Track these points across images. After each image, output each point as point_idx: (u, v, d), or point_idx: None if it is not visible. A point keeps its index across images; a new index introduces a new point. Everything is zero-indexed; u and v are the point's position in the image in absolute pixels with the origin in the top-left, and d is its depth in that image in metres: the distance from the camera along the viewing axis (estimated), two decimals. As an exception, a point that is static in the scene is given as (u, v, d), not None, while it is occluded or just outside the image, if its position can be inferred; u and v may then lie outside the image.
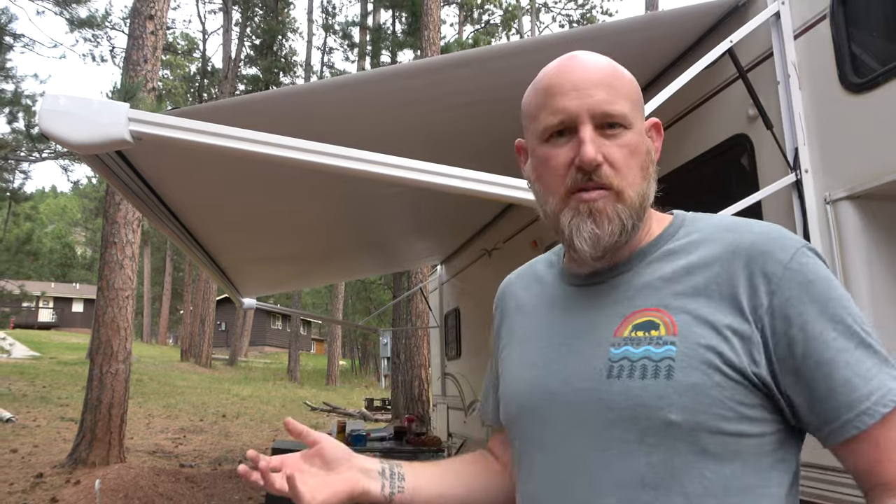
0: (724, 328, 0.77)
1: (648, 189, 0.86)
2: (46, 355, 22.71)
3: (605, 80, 0.85)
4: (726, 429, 0.76)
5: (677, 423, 0.75)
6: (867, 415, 0.74)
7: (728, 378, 0.76)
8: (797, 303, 0.77)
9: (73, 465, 7.25)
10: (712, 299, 0.79)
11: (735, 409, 0.76)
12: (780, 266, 0.78)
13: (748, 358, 0.77)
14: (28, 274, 21.54)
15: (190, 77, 30.50)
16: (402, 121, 3.21)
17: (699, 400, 0.75)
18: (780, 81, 2.38)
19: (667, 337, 0.79)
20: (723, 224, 0.87)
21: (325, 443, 0.95)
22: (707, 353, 0.76)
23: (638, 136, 0.85)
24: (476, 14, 26.31)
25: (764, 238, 0.81)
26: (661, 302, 0.82)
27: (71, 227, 53.40)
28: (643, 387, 0.78)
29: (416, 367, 10.77)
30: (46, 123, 1.83)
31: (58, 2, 9.77)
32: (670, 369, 0.77)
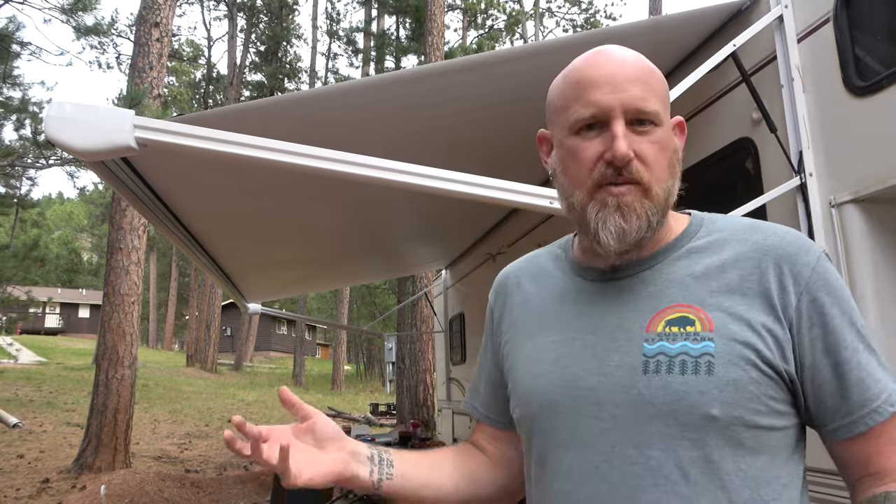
0: (759, 325, 0.80)
1: (673, 186, 0.87)
2: (53, 361, 22.79)
3: (639, 76, 0.85)
4: (760, 422, 0.79)
5: (718, 417, 0.77)
6: (877, 413, 0.79)
7: (763, 374, 0.79)
8: (822, 304, 0.81)
9: (79, 470, 7.26)
10: (746, 297, 0.82)
11: (767, 403, 0.79)
12: (807, 268, 0.82)
13: (780, 354, 0.80)
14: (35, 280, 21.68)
15: (195, 83, 30.66)
16: (407, 126, 3.21)
17: (738, 395, 0.78)
18: (784, 85, 2.38)
19: (704, 333, 0.80)
20: (744, 224, 0.89)
21: (317, 419, 0.92)
22: (745, 350, 0.79)
23: (667, 133, 0.87)
24: (480, 19, 26.39)
25: (790, 240, 0.85)
26: (694, 298, 0.83)
27: (77, 233, 53.65)
28: (684, 382, 0.79)
29: (420, 372, 10.76)
30: (52, 130, 1.84)
31: (64, 10, 9.84)
32: (710, 365, 0.78)
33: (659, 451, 0.79)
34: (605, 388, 0.83)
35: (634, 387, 0.81)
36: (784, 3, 2.42)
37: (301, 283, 7.76)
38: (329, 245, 5.64)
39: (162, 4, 8.14)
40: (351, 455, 0.93)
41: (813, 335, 0.81)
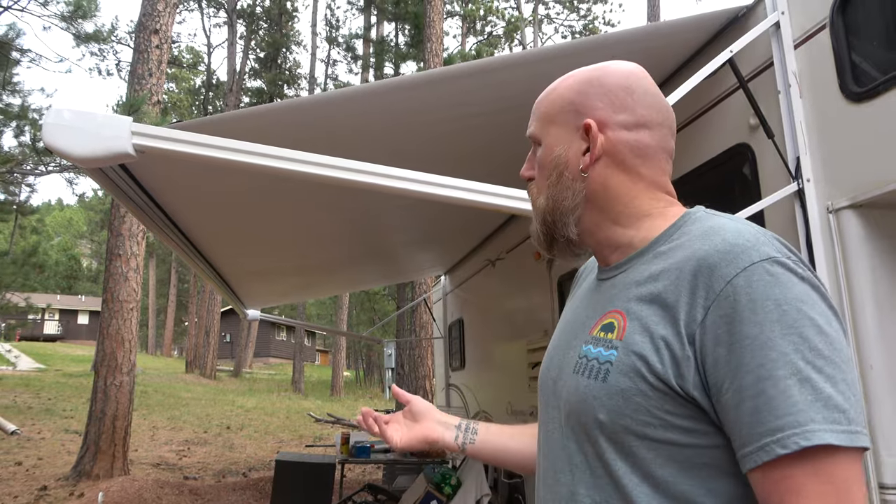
0: (658, 338, 0.78)
1: (552, 195, 0.95)
2: (52, 367, 22.75)
3: (534, 107, 1.00)
4: (653, 435, 0.78)
5: (604, 422, 0.81)
6: (763, 451, 0.69)
7: (653, 387, 0.77)
8: (732, 321, 0.72)
9: (77, 477, 7.24)
10: (661, 308, 0.80)
11: (662, 417, 0.77)
12: (722, 281, 0.74)
13: (674, 371, 0.76)
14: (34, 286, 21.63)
15: (195, 90, 30.71)
16: (406, 133, 3.22)
17: (624, 404, 0.79)
18: (781, 91, 2.39)
19: (615, 341, 0.83)
20: (706, 228, 0.84)
21: (414, 401, 1.19)
22: (637, 362, 0.79)
23: (546, 149, 0.97)
24: (479, 26, 26.44)
25: (721, 249, 0.77)
26: (625, 305, 0.86)
27: (76, 240, 53.65)
28: (586, 385, 0.84)
29: (420, 378, 10.74)
30: (50, 137, 1.85)
31: (64, 17, 9.87)
32: (607, 373, 0.82)
33: (573, 442, 0.87)
34: (560, 380, 0.93)
35: (568, 383, 0.89)
36: (780, 9, 2.43)
37: (300, 289, 7.75)
38: (328, 251, 5.64)
39: (162, 11, 8.16)
40: (439, 423, 1.18)
41: (717, 355, 0.73)
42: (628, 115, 0.92)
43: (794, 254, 0.78)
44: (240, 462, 9.97)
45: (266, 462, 9.89)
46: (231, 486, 7.89)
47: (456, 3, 24.87)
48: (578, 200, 0.92)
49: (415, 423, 1.18)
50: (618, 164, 0.91)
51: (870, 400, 2.00)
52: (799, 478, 0.68)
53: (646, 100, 0.93)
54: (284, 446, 11.83)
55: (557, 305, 4.56)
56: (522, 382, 5.23)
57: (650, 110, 0.93)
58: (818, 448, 0.67)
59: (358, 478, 9.13)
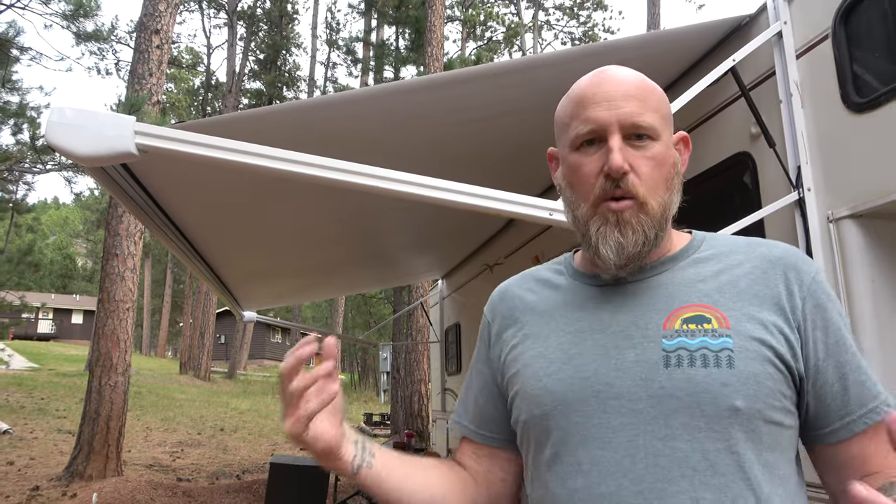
0: (771, 325, 0.84)
1: (671, 200, 0.90)
2: (45, 367, 22.65)
3: (635, 93, 0.89)
4: (775, 418, 0.81)
5: (741, 409, 0.79)
6: (875, 412, 0.83)
7: (778, 370, 0.82)
8: (824, 308, 0.86)
9: (70, 478, 7.20)
10: (756, 299, 0.86)
11: (781, 400, 0.82)
12: (809, 277, 0.88)
13: (791, 353, 0.83)
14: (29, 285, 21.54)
15: (194, 90, 30.70)
16: (406, 136, 3.22)
17: (758, 388, 0.80)
18: (783, 100, 2.40)
19: (721, 330, 0.83)
20: (744, 240, 0.95)
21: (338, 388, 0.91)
22: (761, 347, 0.82)
23: (665, 147, 0.90)
24: (479, 31, 26.52)
25: (793, 252, 0.91)
26: (708, 299, 0.87)
27: (72, 239, 53.46)
28: (707, 374, 0.81)
29: (415, 383, 10.72)
30: (53, 136, 1.84)
31: (65, 15, 9.86)
32: (731, 359, 0.81)
33: (684, 442, 0.79)
34: (623, 383, 0.84)
35: (655, 381, 0.82)
36: (783, 19, 2.44)
37: (297, 291, 7.74)
38: (326, 253, 5.64)
39: (163, 12, 8.16)
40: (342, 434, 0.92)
41: (816, 337, 0.85)
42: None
43: None
44: (234, 464, 9.93)
45: (260, 464, 9.85)
46: (225, 489, 7.85)
47: (456, 7, 24.93)
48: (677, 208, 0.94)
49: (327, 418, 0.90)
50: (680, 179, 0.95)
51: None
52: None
53: None
54: (279, 449, 11.79)
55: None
56: (519, 388, 5.21)
57: None
58: None
59: (352, 481, 9.10)
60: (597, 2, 28.58)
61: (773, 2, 2.49)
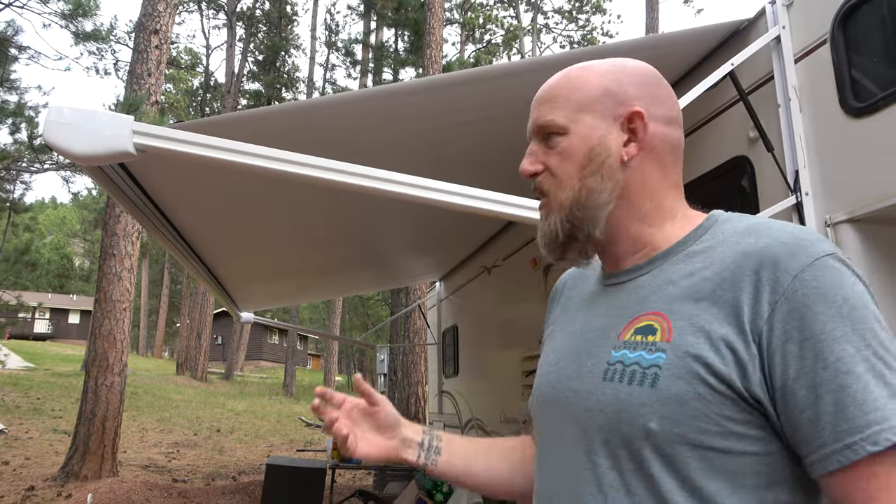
0: (718, 338, 0.73)
1: (588, 187, 0.87)
2: (41, 367, 22.58)
3: (546, 96, 0.92)
4: (710, 443, 0.72)
5: (656, 431, 0.74)
6: (851, 450, 0.66)
7: (714, 391, 0.72)
8: (803, 316, 0.70)
9: (66, 478, 7.17)
10: (715, 305, 0.75)
11: (721, 423, 0.72)
12: (788, 275, 0.71)
13: (738, 372, 0.72)
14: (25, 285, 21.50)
15: (192, 91, 30.67)
16: (404, 138, 3.22)
17: (681, 411, 0.73)
18: (781, 104, 2.40)
19: (660, 343, 0.77)
20: (748, 226, 0.82)
21: (383, 408, 1.05)
22: (694, 364, 0.73)
23: (576, 139, 0.88)
24: (478, 34, 26.56)
25: (782, 243, 0.75)
26: (665, 306, 0.80)
27: (69, 239, 53.36)
28: (629, 392, 0.77)
29: (412, 385, 10.71)
30: (51, 135, 1.84)
31: (64, 15, 9.86)
32: (656, 377, 0.75)
33: (604, 458, 0.79)
34: (580, 391, 0.84)
35: (594, 393, 0.81)
36: (781, 23, 2.44)
37: (295, 292, 7.73)
38: (324, 255, 5.63)
39: (162, 12, 8.16)
40: (401, 442, 1.06)
41: (786, 351, 0.70)
42: (665, 110, 0.89)
43: None
44: (230, 465, 9.91)
45: (256, 466, 9.83)
46: (220, 490, 7.83)
47: (456, 10, 24.97)
48: (616, 194, 0.87)
49: (379, 433, 1.05)
50: (655, 159, 0.88)
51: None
52: (889, 475, 0.66)
53: (672, 98, 0.92)
54: (275, 450, 11.77)
55: (553, 314, 4.55)
56: (516, 390, 5.22)
57: (676, 108, 0.92)
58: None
59: (348, 483, 9.09)
60: (595, 5, 28.64)
61: (772, 6, 2.49)
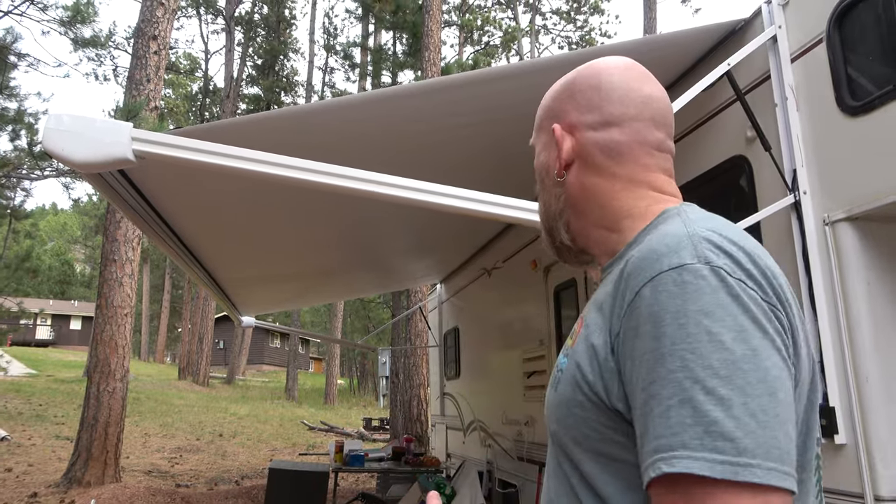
0: (591, 348, 0.74)
1: (543, 202, 0.96)
2: (43, 373, 22.60)
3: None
4: (597, 448, 0.73)
5: (555, 433, 0.80)
6: (645, 473, 0.64)
7: (588, 399, 0.73)
8: (634, 335, 0.68)
9: (68, 484, 7.17)
10: (600, 314, 0.76)
11: (601, 430, 0.72)
12: (632, 291, 0.69)
13: (601, 383, 0.71)
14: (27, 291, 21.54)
15: (192, 96, 30.70)
16: (403, 141, 3.23)
17: (567, 415, 0.77)
18: (778, 104, 2.40)
19: (570, 350, 0.81)
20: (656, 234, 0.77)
21: None
22: (576, 372, 0.75)
23: (536, 156, 0.97)
24: (476, 36, 26.57)
25: (639, 255, 0.72)
26: (585, 312, 0.84)
27: (70, 245, 53.41)
28: (548, 395, 0.83)
29: (415, 387, 10.71)
30: (50, 142, 1.84)
31: (63, 22, 9.88)
32: (558, 382, 0.80)
33: (550, 458, 0.85)
34: None
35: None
36: (778, 23, 2.45)
37: (296, 296, 7.73)
38: (324, 258, 5.64)
39: (160, 18, 8.18)
40: None
41: (626, 369, 0.69)
42: (596, 115, 0.88)
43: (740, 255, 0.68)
44: (232, 470, 9.91)
45: (259, 470, 9.83)
46: (223, 494, 7.83)
47: (454, 13, 24.99)
48: (562, 206, 0.92)
49: None
50: (589, 166, 0.89)
51: (865, 412, 2.01)
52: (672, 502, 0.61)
53: (614, 95, 0.88)
54: (278, 454, 11.77)
55: (554, 315, 4.56)
56: (518, 392, 5.22)
57: (620, 106, 0.87)
58: (690, 477, 0.59)
59: (351, 486, 9.09)
60: (593, 6, 28.65)
61: (768, 6, 2.50)
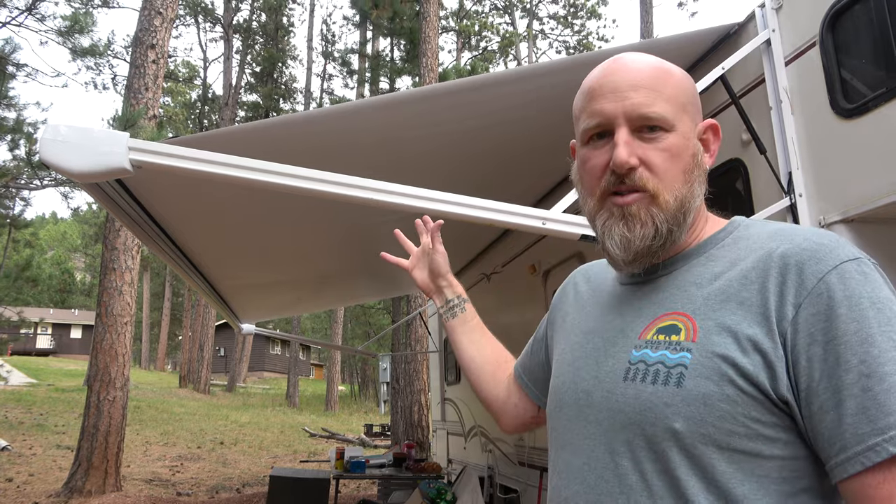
0: (745, 339, 0.73)
1: (690, 193, 0.84)
2: (44, 382, 22.55)
3: (645, 82, 0.83)
4: (737, 445, 0.71)
5: (680, 432, 0.73)
6: (874, 451, 0.65)
7: (742, 392, 0.71)
8: (827, 318, 0.70)
9: (69, 494, 7.16)
10: (742, 307, 0.75)
11: (749, 425, 0.71)
12: (814, 278, 0.72)
13: (767, 373, 0.71)
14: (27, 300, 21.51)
15: (191, 104, 30.75)
16: (400, 148, 3.23)
17: (707, 411, 0.72)
18: (773, 107, 2.41)
19: (685, 343, 0.76)
20: (771, 231, 0.82)
21: (437, 257, 1.32)
22: (722, 364, 0.73)
23: (681, 138, 0.84)
24: (474, 41, 26.65)
25: (806, 247, 0.75)
26: (690, 306, 0.80)
27: (70, 254, 53.39)
28: (653, 392, 0.76)
29: (415, 393, 10.70)
30: (47, 153, 1.85)
31: (61, 32, 9.91)
32: (681, 376, 0.74)
33: (627, 459, 0.77)
34: (597, 392, 0.84)
35: (615, 393, 0.81)
36: (771, 26, 2.46)
37: (295, 303, 7.73)
38: (324, 265, 5.64)
39: (158, 27, 8.20)
40: (437, 289, 1.31)
41: (811, 354, 0.70)
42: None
43: None
44: (234, 477, 9.88)
45: (260, 477, 9.80)
46: (225, 502, 7.81)
47: (451, 18, 25.07)
48: (700, 196, 0.87)
49: (428, 273, 1.32)
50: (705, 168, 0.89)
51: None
52: None
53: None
54: (279, 461, 11.74)
55: (553, 319, 4.55)
56: (518, 396, 5.20)
57: None
58: None
59: (353, 493, 9.07)
60: (591, 11, 28.73)
61: (761, 10, 2.51)
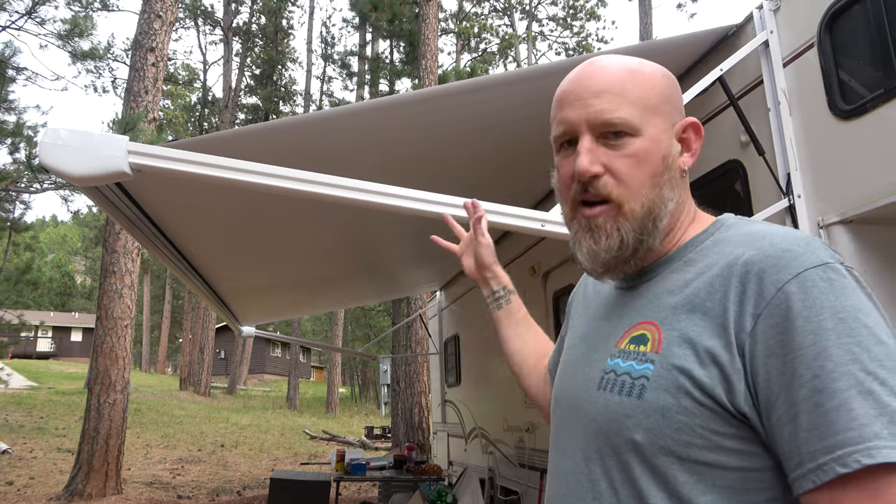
0: (703, 351, 0.71)
1: (659, 198, 0.82)
2: (44, 385, 22.54)
3: (610, 87, 0.82)
4: (697, 457, 0.71)
5: (640, 443, 0.73)
6: (822, 471, 0.62)
7: (700, 404, 0.70)
8: (785, 330, 0.67)
9: (70, 497, 7.15)
10: (704, 318, 0.73)
11: (708, 437, 0.70)
12: (773, 287, 0.68)
13: (723, 386, 0.69)
14: (27, 303, 21.54)
15: (190, 106, 30.77)
16: (399, 150, 3.24)
17: (665, 423, 0.71)
18: (771, 108, 2.42)
19: (650, 354, 0.76)
20: (747, 233, 0.78)
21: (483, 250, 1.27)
22: (680, 376, 0.72)
23: (648, 142, 0.81)
24: (473, 43, 26.68)
25: (772, 254, 0.71)
26: (659, 315, 0.79)
27: (71, 257, 53.37)
28: (619, 403, 0.76)
29: (416, 395, 10.69)
30: (46, 157, 1.85)
31: (61, 35, 9.92)
32: (643, 388, 0.74)
33: (598, 466, 0.78)
34: (582, 397, 0.84)
35: (590, 401, 0.82)
36: (769, 28, 2.46)
37: (296, 305, 7.73)
38: (324, 267, 5.64)
39: (158, 30, 8.21)
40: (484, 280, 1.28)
41: (770, 367, 0.67)
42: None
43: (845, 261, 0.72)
44: (234, 480, 9.88)
45: (261, 480, 9.79)
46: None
47: (450, 20, 25.10)
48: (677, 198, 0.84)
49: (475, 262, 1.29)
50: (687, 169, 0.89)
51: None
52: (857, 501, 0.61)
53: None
54: (279, 464, 11.74)
55: (553, 321, 4.56)
56: (518, 398, 5.21)
57: None
58: (880, 467, 0.60)
59: (353, 495, 9.06)
60: (590, 12, 28.77)
61: (759, 11, 2.52)
